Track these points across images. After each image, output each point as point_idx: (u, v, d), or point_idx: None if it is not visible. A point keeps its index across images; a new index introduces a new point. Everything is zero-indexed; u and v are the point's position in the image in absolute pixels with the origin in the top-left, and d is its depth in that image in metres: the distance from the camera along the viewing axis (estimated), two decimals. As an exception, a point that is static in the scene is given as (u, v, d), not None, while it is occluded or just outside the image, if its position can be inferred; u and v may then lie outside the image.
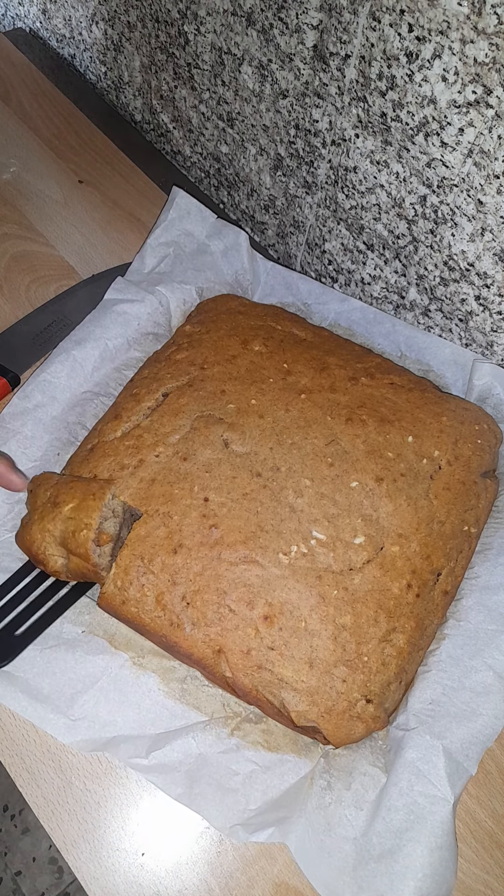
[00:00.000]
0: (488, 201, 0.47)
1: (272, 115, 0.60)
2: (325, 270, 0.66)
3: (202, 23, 0.61)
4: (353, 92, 0.51)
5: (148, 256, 0.62)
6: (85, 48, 0.82)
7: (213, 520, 0.44)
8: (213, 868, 0.41)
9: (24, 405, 0.52)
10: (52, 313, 0.61)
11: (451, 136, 0.46)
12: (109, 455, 0.47)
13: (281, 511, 0.44)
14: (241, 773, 0.41)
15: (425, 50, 0.44)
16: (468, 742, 0.40)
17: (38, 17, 0.87)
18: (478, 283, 0.52)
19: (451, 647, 0.44)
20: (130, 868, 0.41)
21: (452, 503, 0.47)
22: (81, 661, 0.44)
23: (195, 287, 0.60)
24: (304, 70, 0.54)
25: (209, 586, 0.42)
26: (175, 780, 0.41)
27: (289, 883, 0.41)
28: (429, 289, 0.57)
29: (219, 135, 0.69)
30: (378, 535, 0.44)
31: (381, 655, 0.42)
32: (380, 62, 0.48)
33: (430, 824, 0.38)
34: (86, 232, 0.68)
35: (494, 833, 0.42)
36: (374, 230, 0.58)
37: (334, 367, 0.51)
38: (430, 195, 0.51)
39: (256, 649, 0.41)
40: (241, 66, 0.60)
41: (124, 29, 0.73)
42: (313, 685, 0.41)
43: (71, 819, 0.42)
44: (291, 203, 0.65)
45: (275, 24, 0.54)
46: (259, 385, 0.50)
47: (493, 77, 0.42)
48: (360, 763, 0.41)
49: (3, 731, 0.44)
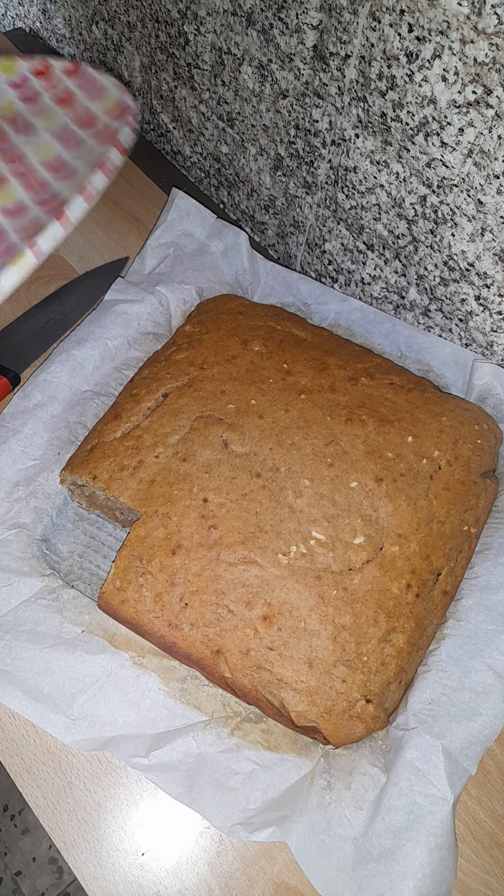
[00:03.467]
0: (488, 201, 0.47)
1: (272, 115, 0.60)
2: (325, 270, 0.66)
3: (202, 23, 0.61)
4: (353, 92, 0.51)
5: (148, 257, 0.62)
6: (85, 48, 0.82)
7: (213, 520, 0.44)
8: (213, 868, 0.41)
9: (24, 404, 0.52)
10: (49, 311, 0.61)
11: (451, 136, 0.46)
12: (109, 456, 0.47)
13: (280, 511, 0.44)
14: (242, 773, 0.41)
15: (425, 50, 0.44)
16: (468, 742, 0.40)
17: (39, 17, 0.87)
18: (478, 283, 0.52)
19: (450, 646, 0.44)
20: (130, 868, 0.41)
21: (452, 503, 0.47)
22: (81, 661, 0.44)
23: (195, 287, 0.60)
24: (304, 70, 0.54)
25: (208, 587, 0.42)
26: (175, 779, 0.41)
27: (289, 883, 0.41)
28: (429, 289, 0.57)
29: (219, 135, 0.69)
30: (378, 536, 0.44)
31: (380, 655, 0.42)
32: (380, 62, 0.48)
33: (429, 824, 0.38)
34: (86, 232, 0.68)
35: (494, 833, 0.42)
36: (374, 230, 0.58)
37: (334, 368, 0.51)
38: (430, 195, 0.51)
39: (255, 649, 0.41)
40: (241, 66, 0.60)
41: (124, 29, 0.73)
42: (313, 685, 0.41)
43: (71, 819, 0.42)
44: (291, 203, 0.65)
45: (275, 24, 0.54)
46: (259, 385, 0.50)
47: (493, 77, 0.42)
48: (360, 763, 0.41)
49: (3, 731, 0.44)
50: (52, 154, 0.51)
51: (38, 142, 0.53)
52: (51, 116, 0.54)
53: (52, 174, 0.50)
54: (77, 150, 0.51)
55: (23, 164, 0.51)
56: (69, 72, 0.55)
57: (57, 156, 0.51)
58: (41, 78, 0.56)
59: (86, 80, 0.55)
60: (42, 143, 0.52)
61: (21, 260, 0.42)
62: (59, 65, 0.57)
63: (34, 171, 0.51)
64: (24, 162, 0.52)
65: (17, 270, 0.42)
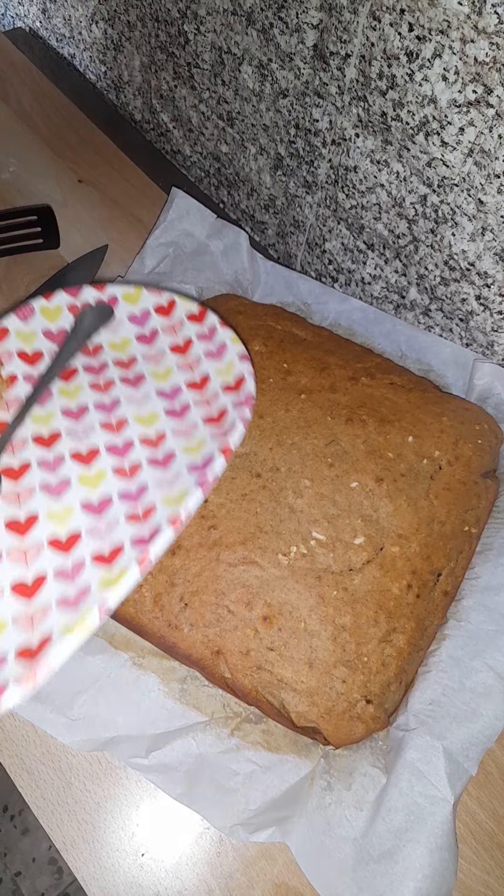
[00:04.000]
0: (489, 201, 0.47)
1: (272, 115, 0.60)
2: (325, 270, 0.66)
3: (202, 22, 0.61)
4: (353, 91, 0.51)
5: (148, 257, 0.62)
6: (85, 48, 0.82)
7: (212, 520, 0.44)
8: (213, 868, 0.41)
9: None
10: None
11: (452, 136, 0.46)
12: (109, 455, 0.47)
13: (280, 512, 0.44)
14: (242, 773, 0.41)
15: (425, 49, 0.44)
16: (468, 743, 0.40)
17: (38, 17, 0.87)
18: (478, 282, 0.52)
19: (451, 647, 0.44)
20: (130, 868, 0.41)
21: (453, 503, 0.47)
22: (81, 661, 0.44)
23: (195, 287, 0.60)
24: (305, 69, 0.54)
25: (207, 587, 0.42)
26: (175, 779, 0.41)
27: (289, 884, 0.41)
28: (429, 288, 0.57)
29: (219, 134, 0.69)
30: (378, 536, 0.44)
31: (380, 656, 0.42)
32: (380, 61, 0.47)
33: (430, 825, 0.38)
34: (85, 231, 0.68)
35: (495, 834, 0.42)
36: (375, 230, 0.58)
37: (334, 367, 0.51)
38: (431, 194, 0.50)
39: (255, 650, 0.41)
40: (241, 66, 0.60)
41: (124, 28, 0.73)
42: (313, 686, 0.41)
43: (71, 819, 0.42)
44: (291, 202, 0.65)
45: (275, 24, 0.54)
46: (259, 385, 0.50)
47: (494, 76, 0.41)
48: (361, 764, 0.41)
49: (3, 731, 0.44)
50: (154, 427, 0.43)
51: (141, 401, 0.45)
52: (163, 370, 0.47)
53: (147, 453, 0.42)
54: (182, 433, 0.43)
55: (118, 432, 0.43)
56: (193, 317, 0.49)
57: (159, 433, 0.43)
58: (162, 315, 0.50)
59: (208, 330, 0.48)
60: (146, 405, 0.45)
61: (126, 573, 0.35)
62: (185, 306, 0.50)
63: (129, 445, 0.43)
64: (121, 430, 0.44)
65: (121, 588, 0.35)
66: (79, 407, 0.46)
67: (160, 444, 0.43)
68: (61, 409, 0.46)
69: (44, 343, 0.50)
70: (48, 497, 0.41)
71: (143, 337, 0.50)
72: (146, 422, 0.44)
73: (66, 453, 0.43)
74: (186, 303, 0.51)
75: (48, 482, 0.41)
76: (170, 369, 0.47)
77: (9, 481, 0.42)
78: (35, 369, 0.48)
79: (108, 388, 0.47)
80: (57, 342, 0.50)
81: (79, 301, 0.52)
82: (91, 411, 0.45)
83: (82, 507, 0.40)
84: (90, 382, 0.47)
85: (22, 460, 0.43)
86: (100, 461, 0.42)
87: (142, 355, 0.49)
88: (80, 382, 0.48)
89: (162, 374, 0.47)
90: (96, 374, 0.48)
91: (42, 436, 0.44)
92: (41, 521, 0.39)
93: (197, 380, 0.46)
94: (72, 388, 0.47)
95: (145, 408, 0.45)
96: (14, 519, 0.40)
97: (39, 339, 0.50)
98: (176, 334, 0.49)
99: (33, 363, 0.49)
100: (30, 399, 0.46)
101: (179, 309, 0.50)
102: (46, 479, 0.42)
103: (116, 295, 0.52)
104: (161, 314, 0.51)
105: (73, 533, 0.38)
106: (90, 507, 0.40)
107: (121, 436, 0.43)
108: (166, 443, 0.42)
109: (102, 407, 0.46)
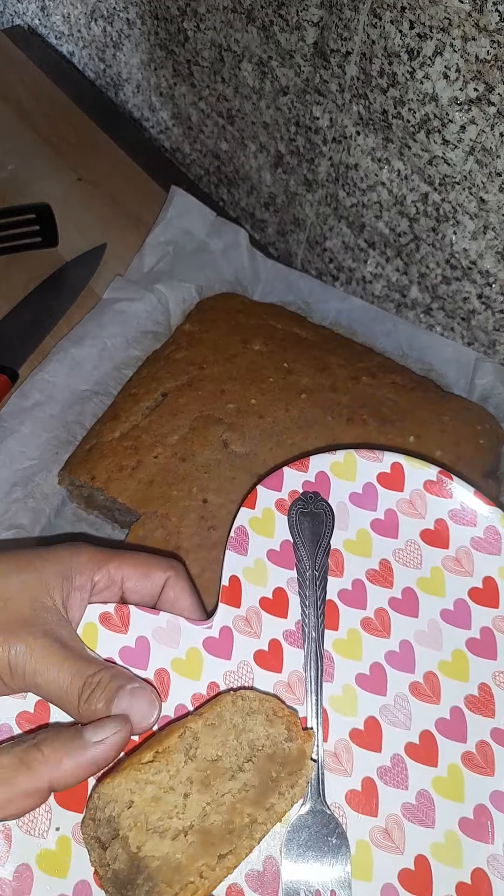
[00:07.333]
0: (490, 199, 0.47)
1: (272, 113, 0.60)
2: (325, 269, 0.66)
3: (202, 20, 0.61)
4: (353, 89, 0.51)
5: (147, 255, 0.62)
6: (84, 45, 0.82)
7: (212, 521, 0.44)
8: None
9: (21, 404, 0.52)
10: (34, 306, 0.60)
11: (453, 134, 0.46)
12: (108, 456, 0.47)
13: (281, 512, 0.44)
14: None
15: (427, 47, 0.44)
16: None
17: (37, 14, 0.86)
18: (480, 281, 0.52)
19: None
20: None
21: (454, 504, 0.46)
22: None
23: (195, 285, 0.60)
24: (305, 67, 0.54)
25: (208, 588, 0.42)
26: None
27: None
28: (430, 287, 0.57)
29: (218, 132, 0.68)
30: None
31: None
32: (381, 59, 0.47)
33: None
34: (84, 229, 0.68)
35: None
36: (376, 228, 0.57)
37: (335, 367, 0.51)
38: (432, 193, 0.50)
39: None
40: (240, 63, 0.60)
41: (123, 26, 0.72)
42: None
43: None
44: (292, 201, 0.65)
45: (275, 21, 0.54)
46: (259, 385, 0.49)
47: (495, 74, 0.41)
48: None
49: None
50: (467, 673, 0.32)
51: (433, 636, 0.33)
52: (429, 574, 0.34)
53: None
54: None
55: (436, 698, 0.32)
56: (430, 484, 0.36)
57: (480, 683, 0.32)
58: (389, 487, 0.36)
59: (460, 504, 0.35)
60: (439, 640, 0.33)
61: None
62: (415, 468, 0.36)
63: (460, 716, 0.31)
64: (436, 690, 0.32)
65: None
66: (370, 665, 0.33)
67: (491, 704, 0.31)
68: (354, 677, 0.33)
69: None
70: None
71: (379, 524, 0.36)
72: (455, 671, 0.32)
73: (402, 750, 0.31)
74: (416, 465, 0.37)
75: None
76: (438, 571, 0.35)
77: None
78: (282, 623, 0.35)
79: (383, 622, 0.34)
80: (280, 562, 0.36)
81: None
82: (389, 671, 0.33)
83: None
84: (361, 619, 0.34)
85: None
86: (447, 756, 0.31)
87: (393, 554, 0.35)
88: (350, 622, 0.34)
89: (431, 581, 0.34)
90: (359, 601, 0.34)
91: (358, 728, 0.32)
92: None
93: (480, 585, 0.34)
94: (346, 636, 0.34)
95: (444, 647, 0.33)
96: None
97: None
98: (418, 510, 0.36)
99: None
100: (314, 675, 0.32)
101: (410, 474, 0.37)
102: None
103: (324, 470, 0.38)
104: (387, 486, 0.37)
105: None
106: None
107: (442, 703, 0.32)
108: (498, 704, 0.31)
109: (397, 659, 0.33)
